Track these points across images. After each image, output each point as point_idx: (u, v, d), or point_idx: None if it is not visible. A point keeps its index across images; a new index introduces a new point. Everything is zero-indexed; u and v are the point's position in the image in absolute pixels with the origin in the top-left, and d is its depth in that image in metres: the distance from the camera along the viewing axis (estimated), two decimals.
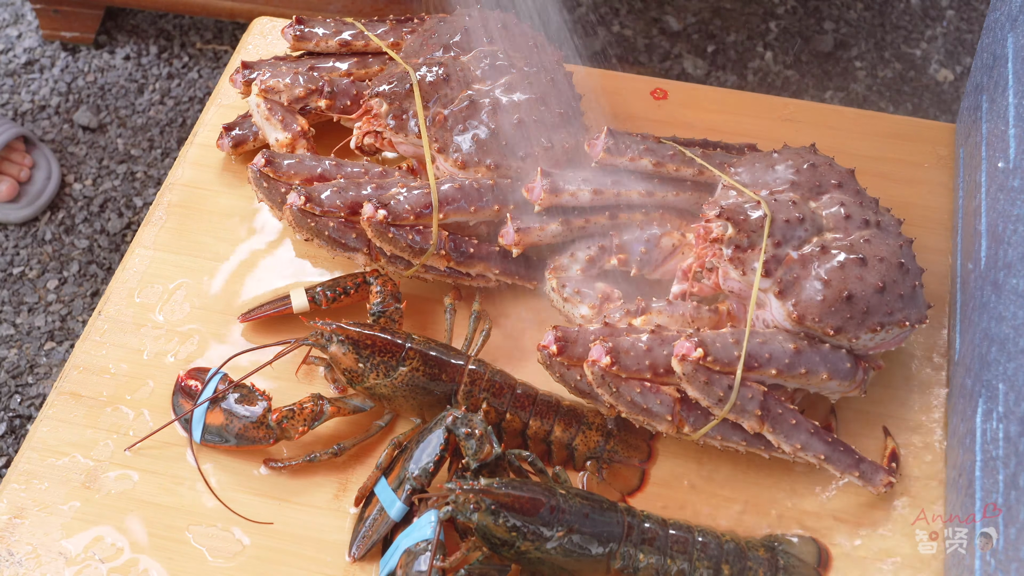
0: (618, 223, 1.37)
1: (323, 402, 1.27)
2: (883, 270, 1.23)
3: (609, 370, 1.18)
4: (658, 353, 1.20)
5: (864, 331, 1.23)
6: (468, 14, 1.52)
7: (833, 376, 1.22)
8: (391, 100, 1.41)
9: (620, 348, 1.19)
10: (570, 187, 1.35)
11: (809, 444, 1.21)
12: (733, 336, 1.20)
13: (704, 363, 1.17)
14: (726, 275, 1.28)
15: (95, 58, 2.63)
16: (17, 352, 2.16)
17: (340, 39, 1.55)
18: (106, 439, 1.30)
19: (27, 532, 1.23)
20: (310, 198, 1.32)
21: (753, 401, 1.19)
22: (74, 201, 2.39)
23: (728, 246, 1.25)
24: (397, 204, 1.33)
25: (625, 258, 1.36)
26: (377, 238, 1.33)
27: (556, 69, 1.48)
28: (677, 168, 1.38)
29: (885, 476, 1.23)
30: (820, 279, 1.22)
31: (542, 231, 1.35)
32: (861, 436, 1.30)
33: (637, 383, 1.20)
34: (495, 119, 1.39)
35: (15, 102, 2.55)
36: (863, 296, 1.22)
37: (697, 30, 2.64)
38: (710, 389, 1.18)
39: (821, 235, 1.26)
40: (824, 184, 1.32)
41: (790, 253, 1.24)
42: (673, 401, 1.21)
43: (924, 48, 2.61)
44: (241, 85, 1.53)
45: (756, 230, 1.25)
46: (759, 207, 1.26)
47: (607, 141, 1.37)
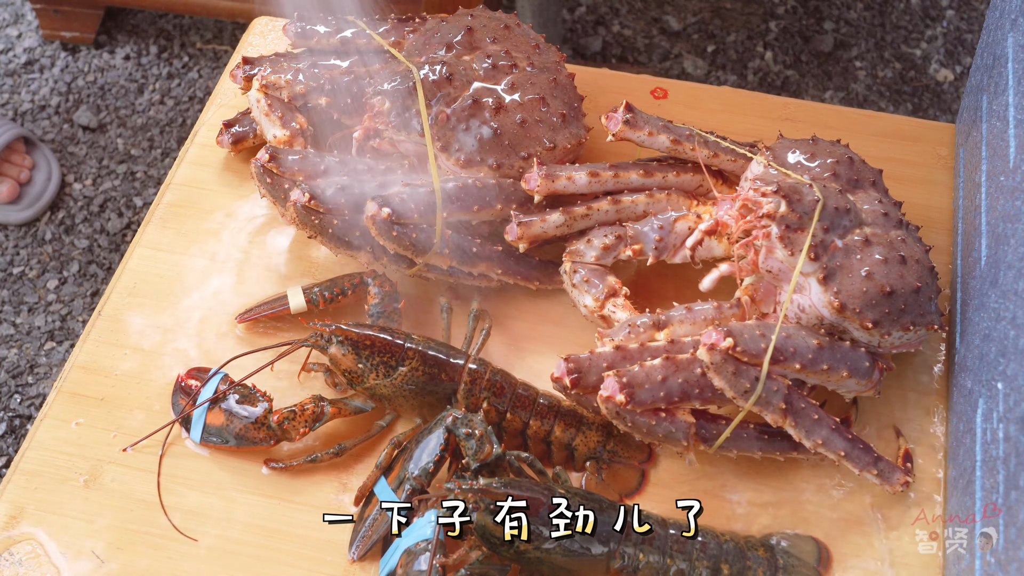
0: (621, 207, 1.36)
1: (324, 403, 1.27)
2: (919, 271, 1.25)
3: (624, 407, 1.18)
4: (673, 382, 1.19)
5: (897, 328, 1.23)
6: (470, 14, 1.52)
7: (852, 374, 1.23)
8: (393, 98, 1.41)
9: (635, 382, 1.18)
10: (566, 172, 1.35)
11: (830, 440, 1.21)
12: (760, 328, 1.20)
13: (733, 353, 1.17)
14: (770, 253, 1.26)
15: (95, 58, 2.63)
16: (17, 352, 2.16)
17: (341, 37, 1.54)
18: (106, 439, 1.30)
19: (27, 532, 1.23)
20: (314, 195, 1.32)
21: (778, 394, 1.19)
22: (74, 201, 2.39)
23: (779, 224, 1.24)
24: (401, 202, 1.33)
25: (640, 248, 1.35)
26: (381, 236, 1.33)
27: (558, 70, 1.48)
28: (693, 148, 1.37)
29: (902, 475, 1.23)
30: (865, 270, 1.22)
31: (544, 222, 1.35)
32: (863, 435, 1.30)
33: (652, 414, 1.20)
34: (498, 118, 1.39)
35: (15, 102, 2.55)
36: (902, 294, 1.22)
37: (697, 30, 2.64)
38: (737, 380, 1.18)
39: (862, 228, 1.26)
40: (861, 180, 1.33)
41: (835, 241, 1.24)
42: (688, 425, 1.21)
43: (924, 48, 2.61)
44: (241, 81, 1.53)
45: (808, 212, 1.24)
46: (812, 190, 1.26)
47: (626, 114, 1.36)
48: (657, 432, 1.20)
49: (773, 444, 1.25)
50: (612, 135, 1.37)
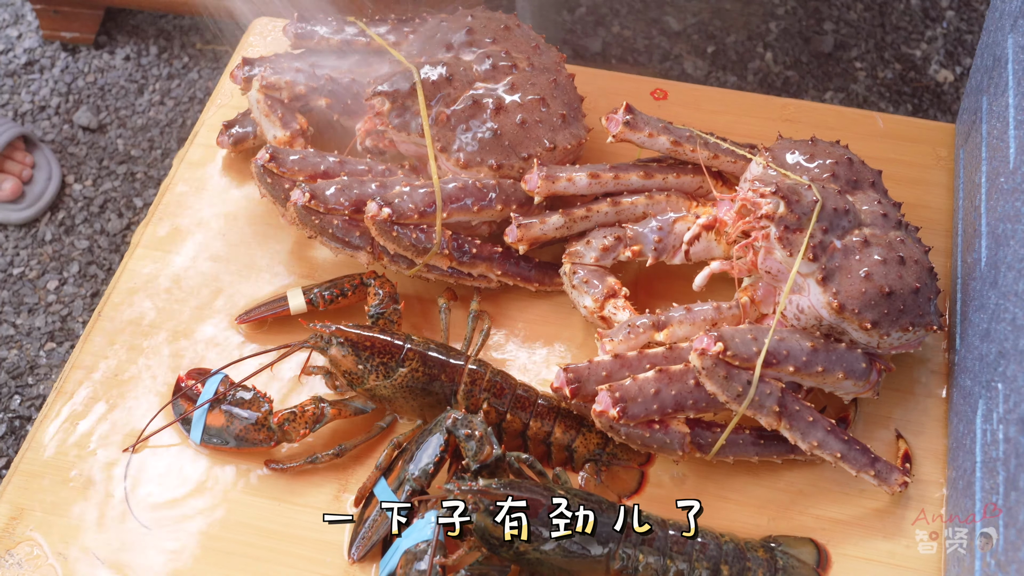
0: (621, 209, 1.36)
1: (324, 404, 1.27)
2: (918, 272, 1.25)
3: (617, 422, 1.18)
4: (666, 394, 1.19)
5: (896, 329, 1.23)
6: (471, 14, 1.52)
7: (849, 376, 1.23)
8: (394, 99, 1.41)
9: (627, 396, 1.18)
10: (566, 173, 1.35)
11: (826, 442, 1.21)
12: (752, 332, 1.20)
13: (724, 358, 1.17)
14: (769, 254, 1.26)
15: (95, 58, 2.63)
16: (17, 352, 2.16)
17: (341, 37, 1.54)
18: (106, 439, 1.30)
19: (27, 532, 1.23)
20: (314, 195, 1.32)
21: (771, 397, 1.19)
22: (74, 201, 2.39)
23: (778, 225, 1.24)
24: (401, 202, 1.33)
25: (639, 249, 1.35)
26: (381, 236, 1.33)
27: (558, 70, 1.48)
28: (694, 149, 1.38)
29: (900, 476, 1.23)
30: (864, 271, 1.22)
31: (544, 224, 1.35)
32: (862, 436, 1.30)
33: (645, 426, 1.20)
34: (498, 119, 1.39)
35: (15, 102, 2.55)
36: (901, 294, 1.23)
37: (697, 30, 2.64)
38: (729, 384, 1.18)
39: (861, 229, 1.26)
40: (861, 181, 1.33)
41: (834, 241, 1.25)
42: (683, 435, 1.21)
43: (924, 49, 2.61)
44: (241, 81, 1.53)
45: (807, 213, 1.24)
46: (810, 191, 1.26)
47: (626, 115, 1.36)
48: (652, 443, 1.20)
49: (770, 448, 1.25)
50: (612, 137, 1.37)
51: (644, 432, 1.20)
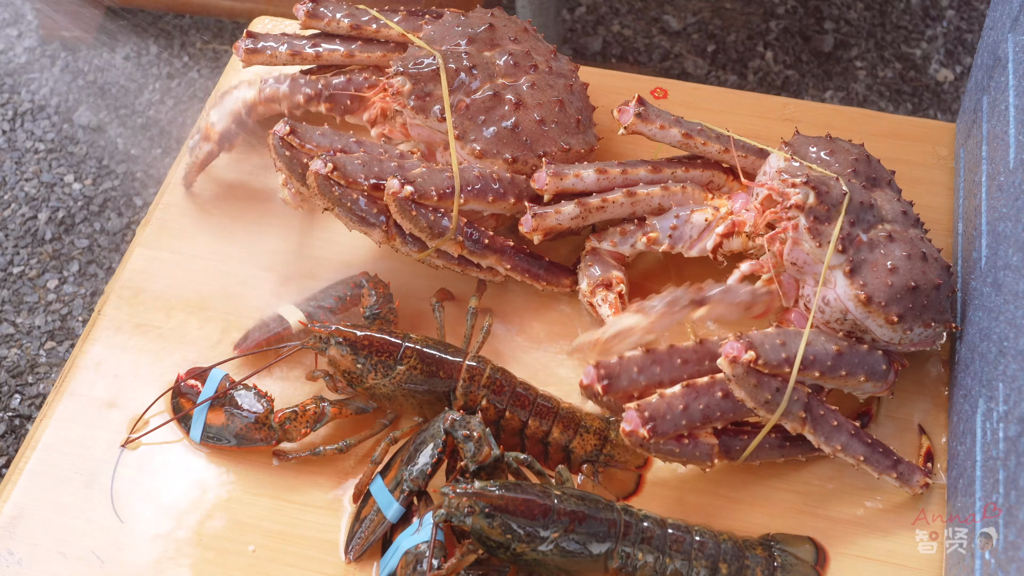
0: (636, 199, 1.36)
1: (325, 403, 1.27)
2: (938, 269, 1.25)
3: (648, 440, 1.18)
4: (694, 409, 1.19)
5: (919, 324, 1.24)
6: (491, 12, 1.53)
7: (869, 378, 1.23)
8: (415, 80, 1.41)
9: (656, 414, 1.18)
10: (573, 169, 1.36)
11: (849, 445, 1.21)
12: (780, 336, 1.20)
13: (755, 366, 1.17)
14: (796, 245, 1.26)
15: (95, 58, 2.63)
16: (17, 352, 2.16)
17: (352, 22, 1.54)
18: (106, 438, 1.30)
19: (27, 531, 1.23)
20: (337, 166, 1.31)
21: (798, 403, 1.19)
22: (74, 201, 2.39)
23: (807, 215, 1.24)
24: (422, 182, 1.32)
25: (656, 237, 1.35)
26: (399, 214, 1.32)
27: (573, 77, 1.49)
28: (705, 143, 1.38)
29: (922, 477, 1.23)
30: (890, 264, 1.22)
31: (558, 214, 1.35)
32: (876, 433, 1.30)
33: (675, 441, 1.19)
34: (517, 114, 1.40)
35: (15, 102, 2.55)
36: (925, 290, 1.23)
37: (697, 30, 2.64)
38: (758, 392, 1.17)
39: (883, 224, 1.27)
40: (879, 178, 1.34)
41: (860, 235, 1.25)
42: (711, 447, 1.21)
43: (924, 48, 2.61)
44: (243, 53, 1.53)
45: (836, 204, 1.24)
46: (838, 183, 1.25)
47: (638, 107, 1.36)
48: (682, 457, 1.20)
49: (795, 448, 1.25)
50: (624, 128, 1.37)
51: (674, 447, 1.19)
